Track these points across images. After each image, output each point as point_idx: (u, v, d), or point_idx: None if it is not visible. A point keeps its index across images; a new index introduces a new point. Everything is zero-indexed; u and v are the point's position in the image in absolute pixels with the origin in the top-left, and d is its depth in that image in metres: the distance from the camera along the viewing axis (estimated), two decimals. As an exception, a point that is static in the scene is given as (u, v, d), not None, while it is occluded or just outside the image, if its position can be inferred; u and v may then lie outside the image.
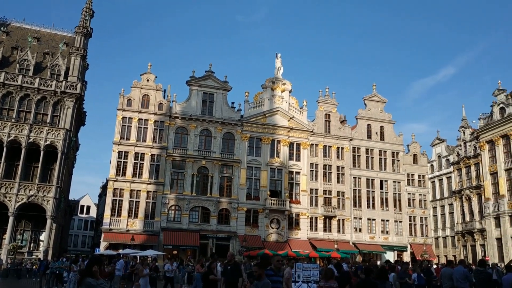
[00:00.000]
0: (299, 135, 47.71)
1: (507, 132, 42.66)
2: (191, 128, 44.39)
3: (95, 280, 5.96)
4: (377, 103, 52.36)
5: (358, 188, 48.99)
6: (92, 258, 6.50)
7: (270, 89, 47.66)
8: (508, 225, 41.78)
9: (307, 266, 13.98)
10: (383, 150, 51.06)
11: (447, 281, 12.32)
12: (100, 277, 6.14)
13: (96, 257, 6.63)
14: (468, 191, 48.09)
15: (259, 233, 43.72)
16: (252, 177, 45.35)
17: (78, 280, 6.51)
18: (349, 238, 47.07)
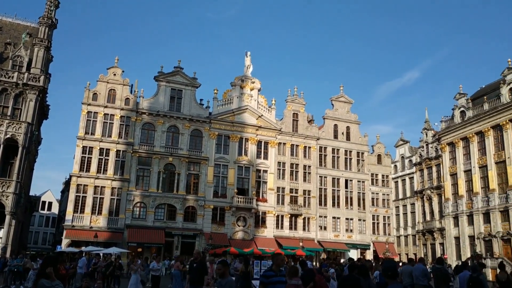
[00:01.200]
0: (267, 133, 47.94)
1: (467, 134, 44.25)
2: (158, 124, 43.83)
3: (50, 281, 5.80)
4: (344, 104, 53.23)
5: (324, 187, 49.71)
6: (46, 259, 6.32)
7: (239, 87, 47.66)
8: (466, 225, 43.38)
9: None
10: (348, 150, 51.97)
11: (407, 278, 12.71)
12: (57, 278, 5.97)
13: (50, 257, 6.41)
14: (429, 191, 49.64)
15: (226, 231, 43.70)
16: (220, 174, 45.25)
17: (34, 281, 6.32)
18: (314, 236, 47.72)
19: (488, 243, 40.32)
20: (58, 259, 6.97)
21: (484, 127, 42.20)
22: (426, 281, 12.66)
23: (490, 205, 40.46)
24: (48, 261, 6.02)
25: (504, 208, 39.04)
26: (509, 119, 39.58)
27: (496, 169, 40.79)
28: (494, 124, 41.21)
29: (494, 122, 41.14)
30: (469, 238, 43.01)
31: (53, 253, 36.74)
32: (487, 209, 40.82)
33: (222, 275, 7.62)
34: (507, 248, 38.57)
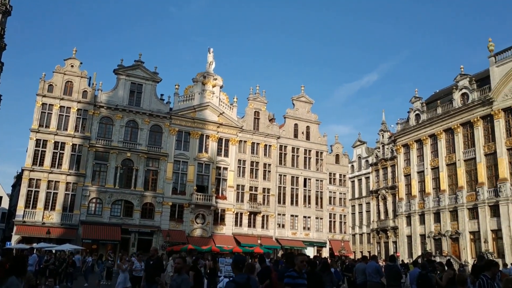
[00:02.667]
0: (228, 131, 47.89)
1: (421, 137, 45.93)
2: (116, 119, 42.86)
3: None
4: (305, 104, 53.96)
5: (283, 185, 50.25)
6: None
7: (201, 83, 47.33)
8: (418, 224, 45.06)
9: (229, 261, 14.15)
10: (308, 149, 52.76)
11: (360, 276, 13.08)
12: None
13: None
14: (384, 191, 51.22)
15: (184, 228, 43.35)
16: (179, 171, 44.82)
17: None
18: (273, 233, 48.18)
19: (438, 242, 42.07)
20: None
21: (437, 130, 43.93)
22: (379, 278, 13.08)
23: (441, 205, 42.20)
24: None
25: (453, 208, 40.82)
26: (460, 123, 41.39)
27: (447, 170, 42.58)
28: (446, 128, 42.98)
29: (446, 125, 42.91)
30: (420, 237, 44.71)
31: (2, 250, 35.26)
32: (437, 209, 42.55)
33: (179, 271, 7.51)
34: (455, 246, 40.39)
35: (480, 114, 39.44)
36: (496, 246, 36.79)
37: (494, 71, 38.70)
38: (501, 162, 36.82)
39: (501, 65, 38.25)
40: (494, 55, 39.25)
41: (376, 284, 12.90)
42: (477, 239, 38.40)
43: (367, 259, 14.57)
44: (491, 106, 38.24)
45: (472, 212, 39.22)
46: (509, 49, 38.16)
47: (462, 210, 39.88)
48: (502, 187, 36.24)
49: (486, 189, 37.97)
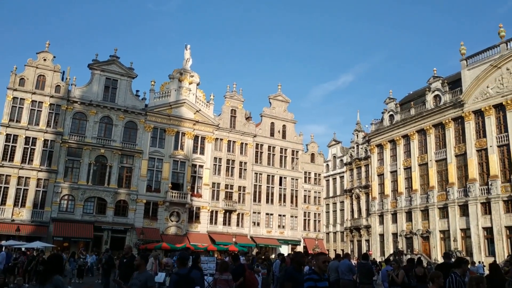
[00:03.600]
0: (204, 128, 47.69)
1: (394, 137, 46.77)
2: (90, 114, 42.10)
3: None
4: (281, 103, 54.21)
5: (258, 184, 50.39)
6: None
7: (177, 80, 46.94)
8: (390, 223, 45.91)
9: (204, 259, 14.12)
10: (284, 148, 53.04)
11: (333, 273, 13.27)
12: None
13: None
14: (358, 190, 51.98)
15: (158, 225, 42.97)
16: (154, 168, 44.37)
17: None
18: (248, 232, 48.27)
19: (409, 240, 42.97)
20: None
21: (410, 131, 44.82)
22: (351, 276, 13.30)
23: (413, 204, 43.10)
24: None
25: (424, 207, 41.75)
26: (432, 124, 42.34)
27: (419, 171, 43.51)
28: (419, 129, 43.90)
29: (419, 126, 43.83)
30: (392, 235, 45.58)
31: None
32: (409, 208, 43.44)
33: (138, 267, 7.34)
34: (426, 244, 41.34)
35: (452, 116, 40.44)
36: (464, 244, 37.85)
37: (466, 74, 39.73)
38: (471, 163, 37.86)
39: (472, 68, 39.29)
40: (465, 59, 40.28)
41: (348, 282, 13.12)
42: (447, 238, 39.40)
43: (341, 258, 14.78)
44: (462, 108, 39.25)
45: (443, 212, 40.21)
46: (480, 53, 39.23)
47: (433, 209, 40.82)
48: (471, 187, 37.27)
49: (456, 189, 38.98)
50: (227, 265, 8.78)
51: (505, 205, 34.85)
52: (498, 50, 37.36)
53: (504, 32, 37.18)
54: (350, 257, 20.71)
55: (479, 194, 36.72)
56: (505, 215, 34.58)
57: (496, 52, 37.54)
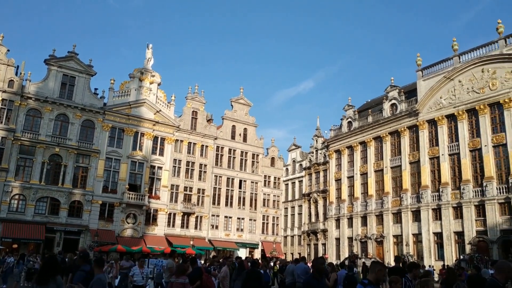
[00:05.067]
0: (164, 129, 47.07)
1: (352, 143, 47.89)
2: (45, 111, 40.61)
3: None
4: (243, 106, 54.36)
5: (218, 187, 50.22)
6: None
7: (138, 79, 46.11)
8: (346, 227, 46.89)
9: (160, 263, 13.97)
10: (245, 151, 53.17)
11: (289, 276, 13.42)
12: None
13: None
14: (316, 194, 52.81)
15: (114, 227, 41.96)
16: (111, 169, 43.34)
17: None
18: (206, 235, 47.98)
19: (364, 244, 44.04)
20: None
21: (367, 137, 46.02)
22: (307, 279, 13.49)
23: (368, 209, 44.23)
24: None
25: (379, 212, 42.94)
26: (388, 132, 43.66)
27: (374, 177, 44.73)
28: (376, 136, 45.16)
29: (376, 134, 45.09)
30: (348, 239, 46.56)
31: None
32: (365, 213, 44.55)
33: (92, 270, 7.22)
34: (380, 249, 42.50)
35: (407, 124, 41.86)
36: (416, 249, 39.20)
37: (421, 85, 41.28)
38: (424, 170, 39.32)
39: (427, 79, 40.87)
40: (421, 70, 41.88)
41: (304, 285, 13.29)
42: (400, 242, 40.67)
43: (299, 261, 14.97)
44: (417, 117, 40.72)
45: (396, 217, 41.49)
46: (435, 65, 40.89)
47: (387, 214, 42.05)
48: (423, 193, 38.69)
49: (409, 195, 40.34)
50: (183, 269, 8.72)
51: (454, 211, 36.41)
52: (452, 63, 39.07)
53: (457, 45, 38.95)
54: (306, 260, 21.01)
55: (431, 201, 38.17)
56: (454, 221, 36.12)
57: (450, 64, 39.24)
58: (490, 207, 33.52)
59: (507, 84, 34.36)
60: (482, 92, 35.95)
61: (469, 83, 37.05)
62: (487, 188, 33.93)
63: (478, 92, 36.28)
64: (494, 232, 32.93)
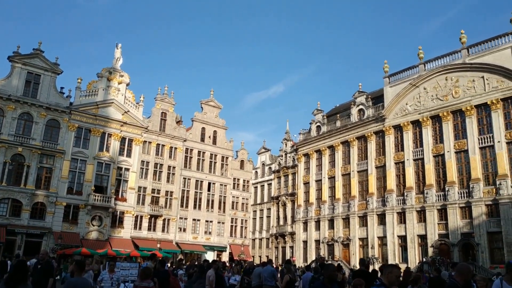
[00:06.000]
0: (132, 130, 46.38)
1: (320, 147, 48.51)
2: (8, 110, 39.27)
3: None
4: (213, 108, 54.21)
5: (187, 189, 49.85)
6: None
7: (106, 79, 45.29)
8: (314, 230, 47.39)
9: (125, 266, 13.74)
10: (214, 154, 52.99)
11: (256, 279, 13.49)
12: None
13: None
14: (285, 197, 53.15)
15: (78, 230, 40.98)
16: (76, 170, 42.33)
17: None
18: (173, 237, 47.50)
19: (331, 247, 44.62)
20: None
21: (335, 142, 46.72)
22: (273, 282, 13.58)
23: (335, 212, 44.87)
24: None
25: (346, 216, 43.62)
26: (356, 136, 44.47)
27: (342, 180, 45.44)
28: (344, 140, 45.91)
29: (344, 138, 45.84)
30: (315, 242, 47.06)
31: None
32: (332, 216, 45.16)
33: (72, 274, 7.20)
34: (346, 251, 43.15)
35: (374, 129, 42.76)
36: (381, 251, 40.03)
37: (388, 91, 42.28)
38: (389, 175, 40.25)
39: (393, 86, 41.91)
40: (388, 76, 42.91)
41: (271, 287, 13.38)
42: (365, 245, 41.43)
43: (266, 264, 15.05)
44: (383, 122, 41.66)
45: (362, 220, 42.25)
46: (401, 72, 41.99)
47: (353, 217, 42.77)
48: (389, 197, 39.58)
49: (375, 199, 41.19)
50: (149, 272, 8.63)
51: (418, 215, 37.40)
52: (417, 70, 40.21)
53: (423, 54, 40.14)
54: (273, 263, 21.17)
55: (396, 204, 39.09)
56: (418, 224, 37.10)
57: (415, 72, 40.38)
58: (452, 211, 34.64)
59: (469, 92, 35.65)
60: (445, 100, 37.16)
61: (434, 91, 38.23)
62: (449, 192, 35.04)
63: (442, 99, 37.47)
64: (455, 235, 34.03)
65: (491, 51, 34.88)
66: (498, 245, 31.96)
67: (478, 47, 36.17)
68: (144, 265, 19.93)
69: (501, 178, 32.18)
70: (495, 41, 35.04)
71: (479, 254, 32.25)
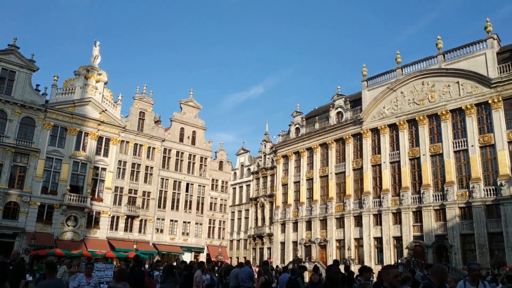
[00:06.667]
0: (110, 129, 45.77)
1: (299, 149, 48.78)
2: (-19, 107, 38.32)
3: None
4: (193, 109, 53.95)
5: (164, 189, 49.44)
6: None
7: (83, 77, 44.59)
8: (291, 231, 47.59)
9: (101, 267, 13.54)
10: (193, 154, 52.72)
11: (233, 280, 13.49)
12: None
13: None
14: (263, 198, 53.24)
15: (52, 230, 40.19)
16: (52, 169, 41.52)
17: None
18: (150, 238, 47.03)
19: (308, 248, 44.87)
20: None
21: (313, 144, 47.06)
22: (251, 283, 13.61)
23: (313, 214, 45.17)
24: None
25: (323, 217, 43.95)
26: (334, 139, 44.88)
27: (320, 182, 45.78)
28: (322, 142, 46.27)
29: (322, 140, 46.21)
30: (293, 243, 47.26)
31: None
32: (309, 217, 45.45)
33: (44, 276, 7.09)
34: (323, 253, 43.47)
35: (352, 132, 43.24)
36: (357, 253, 40.46)
37: (366, 95, 42.83)
38: (366, 177, 40.75)
39: (371, 89, 42.48)
40: (366, 80, 43.47)
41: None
42: (342, 247, 41.83)
43: (243, 265, 15.07)
44: (361, 125, 42.17)
45: (339, 222, 42.63)
46: (379, 76, 42.59)
47: (331, 219, 43.12)
48: (365, 199, 40.07)
49: (352, 200, 41.63)
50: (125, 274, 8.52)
51: (393, 217, 37.97)
52: (395, 75, 40.86)
53: (400, 58, 40.82)
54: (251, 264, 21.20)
55: (372, 206, 39.59)
56: (393, 226, 37.67)
57: (393, 76, 41.02)
58: (427, 213, 35.28)
59: (444, 97, 36.40)
60: (422, 104, 37.85)
61: (411, 95, 38.91)
62: (424, 195, 35.70)
63: (418, 103, 38.15)
64: (430, 237, 34.67)
65: (466, 57, 35.72)
66: (471, 247, 32.71)
67: (453, 53, 37.01)
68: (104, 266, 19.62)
69: (474, 182, 32.96)
70: (470, 48, 35.92)
71: (452, 255, 32.93)
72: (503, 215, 31.02)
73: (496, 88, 33.24)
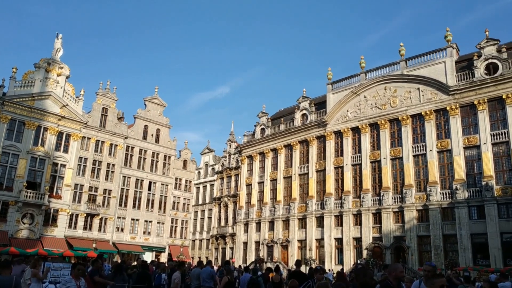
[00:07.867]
0: (70, 125, 44.47)
1: (264, 150, 49.04)
2: None
3: None
4: (157, 106, 53.20)
5: (126, 188, 48.53)
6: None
7: (44, 70, 43.09)
8: (254, 231, 47.79)
9: (57, 266, 13.16)
10: (156, 153, 51.99)
11: (194, 281, 13.41)
12: None
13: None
14: (227, 198, 53.19)
15: (7, 228, 38.64)
16: (7, 164, 39.92)
17: None
18: (110, 237, 46.03)
19: (271, 249, 45.17)
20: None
21: (278, 145, 47.42)
22: (212, 283, 13.57)
23: (276, 214, 45.50)
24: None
25: (286, 218, 44.36)
26: (298, 140, 45.39)
27: (283, 183, 46.19)
28: (287, 144, 46.70)
29: (287, 142, 46.64)
30: (255, 244, 47.47)
31: None
32: (272, 218, 45.76)
33: None
34: (285, 253, 43.87)
35: (316, 134, 43.86)
36: (318, 253, 41.07)
37: (330, 98, 43.55)
38: (329, 179, 41.44)
39: (336, 93, 43.23)
40: (331, 83, 44.20)
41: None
42: (304, 247, 42.34)
43: (203, 265, 15.00)
44: (325, 128, 42.84)
45: (302, 222, 43.14)
46: (344, 80, 43.40)
47: (293, 220, 43.58)
48: (327, 200, 40.73)
49: (314, 202, 42.22)
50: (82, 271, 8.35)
51: (354, 218, 38.79)
52: (359, 79, 41.75)
53: (364, 63, 41.77)
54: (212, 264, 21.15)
55: (334, 208, 40.30)
56: (354, 227, 38.47)
57: (357, 80, 41.90)
58: (386, 215, 36.24)
59: (405, 103, 37.50)
60: (384, 108, 38.85)
61: (373, 99, 39.86)
62: (384, 197, 36.66)
63: (380, 108, 39.13)
64: (388, 238, 35.64)
65: (427, 65, 36.96)
66: (427, 248, 33.85)
67: (415, 60, 38.20)
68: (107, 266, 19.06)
69: (431, 185, 34.13)
70: (430, 55, 37.18)
71: (409, 256, 33.96)
72: (457, 218, 32.29)
73: (454, 95, 34.55)
